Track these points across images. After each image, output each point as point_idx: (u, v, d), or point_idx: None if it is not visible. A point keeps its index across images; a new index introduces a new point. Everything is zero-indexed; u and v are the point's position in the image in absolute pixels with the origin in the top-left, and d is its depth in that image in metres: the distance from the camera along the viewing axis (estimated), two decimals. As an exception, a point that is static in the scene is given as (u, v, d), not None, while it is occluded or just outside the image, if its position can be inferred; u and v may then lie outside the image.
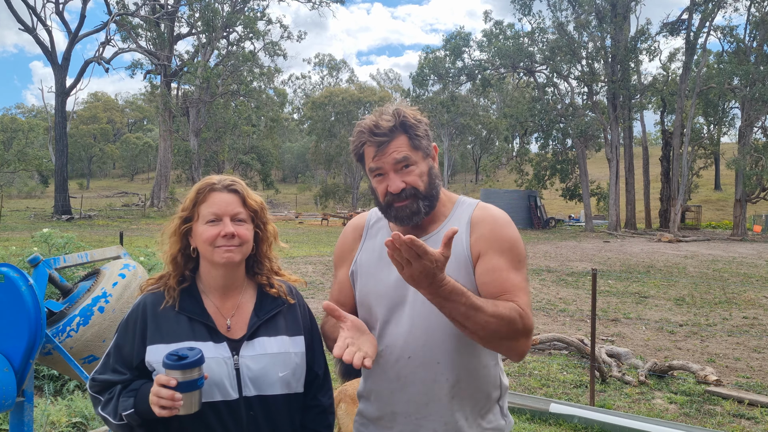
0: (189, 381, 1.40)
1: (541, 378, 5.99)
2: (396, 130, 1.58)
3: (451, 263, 1.55)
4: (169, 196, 40.56)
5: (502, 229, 1.60)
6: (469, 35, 38.69)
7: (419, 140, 1.60)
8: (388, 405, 1.63)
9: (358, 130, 1.64)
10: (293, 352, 1.63)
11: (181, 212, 1.63)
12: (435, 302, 1.40)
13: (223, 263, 1.58)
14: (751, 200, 33.69)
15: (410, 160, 1.59)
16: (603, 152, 37.10)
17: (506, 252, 1.56)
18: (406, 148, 1.59)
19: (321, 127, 55.31)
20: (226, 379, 1.53)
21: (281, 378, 1.59)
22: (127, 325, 1.60)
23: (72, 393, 4.77)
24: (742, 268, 16.26)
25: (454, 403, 1.58)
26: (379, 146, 1.58)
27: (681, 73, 34.10)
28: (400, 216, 1.61)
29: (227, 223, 1.58)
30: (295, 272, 13.29)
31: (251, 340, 1.60)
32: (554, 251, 20.44)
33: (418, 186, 1.59)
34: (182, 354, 1.41)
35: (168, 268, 1.65)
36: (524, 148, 40.30)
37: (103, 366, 1.59)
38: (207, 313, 1.60)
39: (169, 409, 1.40)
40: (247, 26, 40.79)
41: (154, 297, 1.62)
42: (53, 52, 33.99)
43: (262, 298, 1.68)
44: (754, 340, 7.80)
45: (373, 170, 1.62)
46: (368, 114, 1.69)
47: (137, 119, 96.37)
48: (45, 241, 5.98)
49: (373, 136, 1.59)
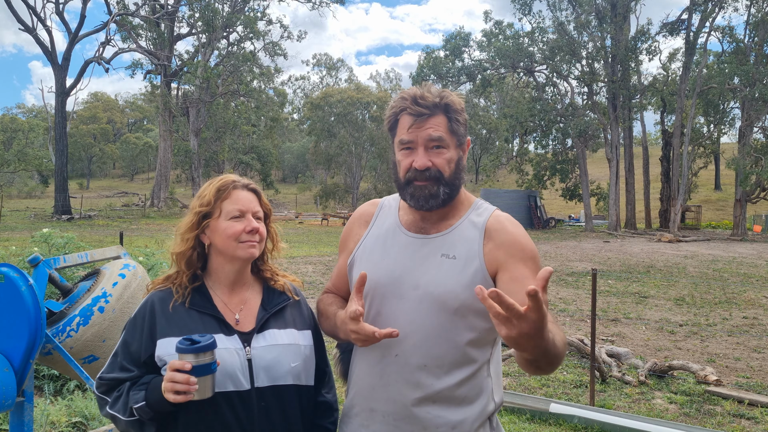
0: (203, 365, 1.41)
1: (541, 378, 5.98)
2: (438, 108, 1.54)
3: (468, 276, 1.51)
4: (169, 196, 40.56)
5: (523, 239, 1.57)
6: (469, 35, 38.68)
7: (458, 125, 1.57)
8: (367, 401, 1.59)
9: (401, 96, 1.59)
10: (303, 345, 1.66)
11: (200, 208, 1.63)
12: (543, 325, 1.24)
13: (246, 258, 1.63)
14: (751, 200, 33.70)
15: (444, 141, 1.54)
16: (603, 152, 37.11)
17: (529, 261, 1.53)
18: (444, 128, 1.54)
19: (320, 127, 55.28)
20: (238, 370, 1.54)
21: (293, 368, 1.61)
22: (135, 322, 1.61)
23: (72, 393, 4.76)
24: (742, 268, 16.26)
25: (437, 409, 1.51)
26: (418, 118, 1.53)
27: (681, 73, 34.12)
28: (416, 195, 1.55)
29: (251, 219, 1.63)
30: (296, 272, 13.29)
31: (261, 332, 1.62)
32: (554, 251, 20.44)
33: (444, 170, 1.54)
34: (195, 338, 1.42)
35: (179, 267, 1.66)
36: (524, 148, 40.31)
37: (111, 365, 1.60)
38: (216, 307, 1.62)
39: (185, 394, 1.40)
40: (247, 26, 40.80)
41: (162, 294, 1.64)
42: (53, 52, 33.99)
43: (268, 292, 1.71)
44: (754, 340, 7.80)
45: (404, 142, 1.56)
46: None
47: (137, 119, 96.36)
48: (45, 241, 5.98)
49: (415, 105, 1.54)
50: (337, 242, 1.86)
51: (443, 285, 1.51)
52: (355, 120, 53.78)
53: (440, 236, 1.58)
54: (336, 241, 21.24)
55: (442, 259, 1.54)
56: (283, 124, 68.45)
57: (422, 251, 1.58)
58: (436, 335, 1.51)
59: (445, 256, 1.55)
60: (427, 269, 1.55)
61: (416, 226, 1.63)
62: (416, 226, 1.63)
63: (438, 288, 1.51)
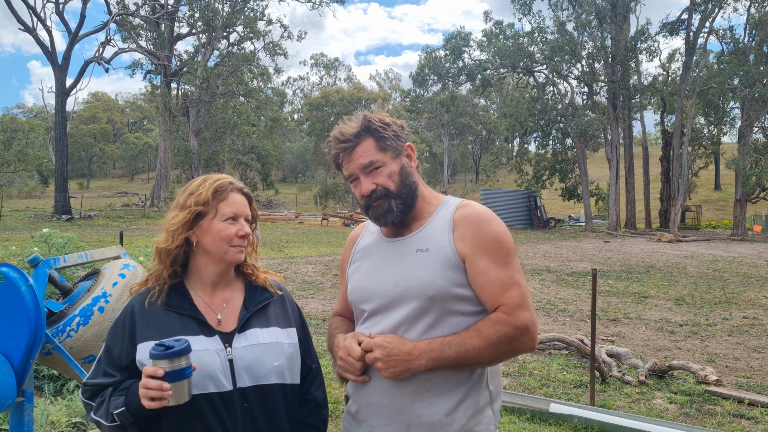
0: (177, 370, 1.40)
1: (541, 378, 5.98)
2: (361, 135, 1.64)
3: (440, 264, 1.58)
4: (169, 196, 40.54)
5: (484, 226, 1.60)
6: (469, 35, 38.66)
7: (386, 141, 1.64)
8: (364, 397, 1.64)
9: (328, 141, 1.71)
10: (286, 343, 1.65)
11: (196, 206, 1.61)
12: (430, 367, 1.53)
13: (233, 262, 1.63)
14: (751, 200, 33.70)
15: (377, 162, 1.63)
16: (603, 152, 37.11)
17: (491, 250, 1.57)
18: (372, 150, 1.63)
19: (320, 127, 55.28)
20: (219, 371, 1.53)
21: (275, 367, 1.60)
22: (116, 327, 1.60)
23: (72, 393, 4.76)
24: (742, 268, 16.26)
25: (430, 397, 1.56)
26: (345, 153, 1.65)
27: (681, 73, 34.12)
28: (376, 215, 1.66)
29: (244, 224, 1.63)
30: (296, 272, 13.29)
31: (243, 332, 1.60)
32: (554, 251, 20.43)
33: (388, 186, 1.63)
34: (168, 344, 1.41)
35: (163, 263, 1.63)
36: (524, 148, 40.31)
37: (95, 371, 1.59)
38: (196, 308, 1.60)
39: (159, 400, 1.39)
40: (247, 26, 40.80)
41: (142, 297, 1.62)
42: (53, 52, 33.98)
43: (250, 291, 1.70)
44: (754, 340, 7.80)
45: (348, 177, 1.68)
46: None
47: (137, 119, 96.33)
48: (45, 241, 5.98)
49: (339, 143, 1.65)
50: (337, 242, 1.92)
51: (418, 276, 1.59)
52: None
53: (414, 235, 1.67)
54: (336, 240, 21.35)
55: (417, 253, 1.63)
56: (282, 125, 68.41)
57: (400, 251, 1.66)
58: (423, 325, 1.57)
59: (419, 250, 1.63)
60: (405, 266, 1.63)
61: (393, 232, 1.72)
62: (393, 232, 1.72)
63: (415, 280, 1.59)
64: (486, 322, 1.54)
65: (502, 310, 1.54)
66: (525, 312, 1.54)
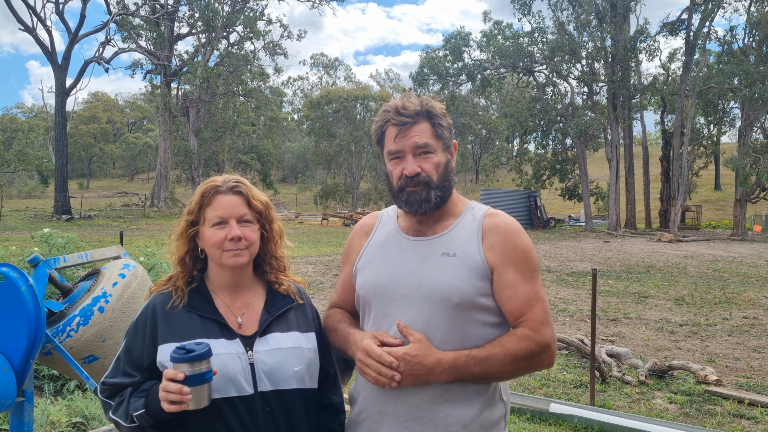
0: (197, 374, 1.39)
1: (541, 378, 5.98)
2: (420, 115, 1.59)
3: (468, 272, 1.54)
4: (169, 196, 40.57)
5: (515, 237, 1.59)
6: (468, 35, 38.66)
7: (442, 130, 1.61)
8: (375, 405, 1.58)
9: (384, 109, 1.64)
10: (306, 348, 1.63)
11: (187, 215, 1.62)
12: (451, 380, 1.50)
13: (232, 266, 1.59)
14: (751, 200, 33.67)
15: (430, 147, 1.59)
16: (603, 152, 37.09)
17: (519, 263, 1.56)
18: (428, 134, 1.59)
19: (320, 127, 55.28)
20: (240, 375, 1.52)
21: (296, 372, 1.58)
22: (137, 327, 1.59)
23: (72, 393, 4.76)
24: (742, 268, 16.25)
25: (448, 408, 1.52)
26: (402, 127, 1.58)
27: (681, 73, 34.11)
28: (410, 201, 1.59)
29: (234, 226, 1.57)
30: (296, 272, 13.28)
31: (264, 336, 1.59)
32: (554, 251, 20.43)
33: (432, 175, 1.59)
34: (189, 348, 1.40)
35: (176, 270, 1.64)
36: (524, 148, 40.29)
37: (114, 370, 1.58)
38: (218, 311, 1.59)
39: (178, 404, 1.38)
40: (247, 26, 40.80)
41: (164, 297, 1.62)
42: (53, 52, 33.98)
43: (271, 295, 1.68)
44: (754, 340, 7.80)
45: (392, 153, 1.61)
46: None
47: (137, 119, 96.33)
48: (45, 241, 5.98)
49: (398, 116, 1.59)
50: (337, 242, 1.89)
51: (444, 281, 1.54)
52: (355, 117, 53.79)
53: (438, 237, 1.61)
54: (336, 240, 21.36)
55: (443, 257, 1.57)
56: (282, 124, 68.45)
57: (422, 252, 1.61)
58: (442, 332, 1.53)
59: (445, 254, 1.58)
60: (428, 268, 1.57)
61: (414, 229, 1.66)
62: (414, 229, 1.66)
63: (439, 284, 1.54)
64: (512, 337, 1.52)
65: (527, 325, 1.52)
66: (549, 329, 1.54)
